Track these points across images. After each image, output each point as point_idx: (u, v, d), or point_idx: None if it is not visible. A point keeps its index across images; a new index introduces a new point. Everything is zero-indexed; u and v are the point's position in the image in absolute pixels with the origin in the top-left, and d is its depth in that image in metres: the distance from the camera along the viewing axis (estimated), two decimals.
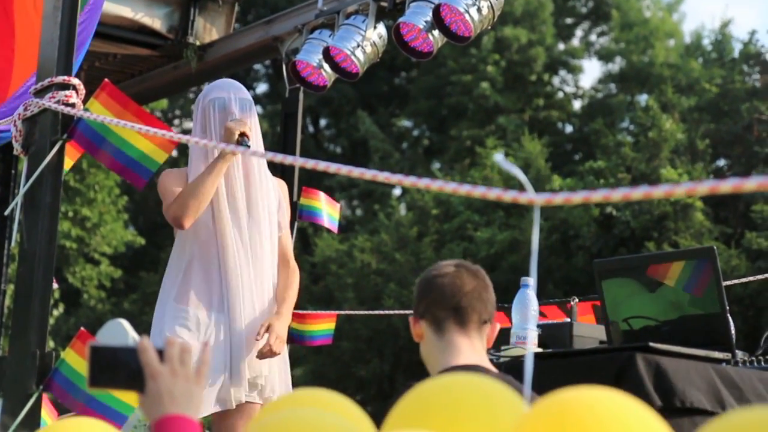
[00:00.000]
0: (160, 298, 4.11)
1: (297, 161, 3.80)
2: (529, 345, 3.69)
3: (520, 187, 1.86)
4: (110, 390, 1.96)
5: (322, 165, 2.73)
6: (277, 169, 5.75)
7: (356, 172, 2.62)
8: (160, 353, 1.89)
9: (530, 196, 1.81)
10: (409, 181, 2.45)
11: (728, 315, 3.60)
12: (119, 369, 1.88)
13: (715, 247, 3.70)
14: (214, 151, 4.04)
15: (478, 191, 2.07)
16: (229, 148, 3.85)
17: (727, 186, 1.66)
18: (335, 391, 2.08)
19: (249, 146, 4.00)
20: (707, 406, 3.31)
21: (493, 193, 2.00)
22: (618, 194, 1.77)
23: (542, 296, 3.97)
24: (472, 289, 2.72)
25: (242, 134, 4.01)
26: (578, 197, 1.81)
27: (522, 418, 1.73)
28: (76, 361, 3.60)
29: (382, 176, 2.55)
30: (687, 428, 3.29)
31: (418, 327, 2.76)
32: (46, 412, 3.87)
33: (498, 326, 2.79)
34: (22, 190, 3.72)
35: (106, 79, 3.72)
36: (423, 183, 2.41)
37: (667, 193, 1.75)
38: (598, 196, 1.80)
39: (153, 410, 1.85)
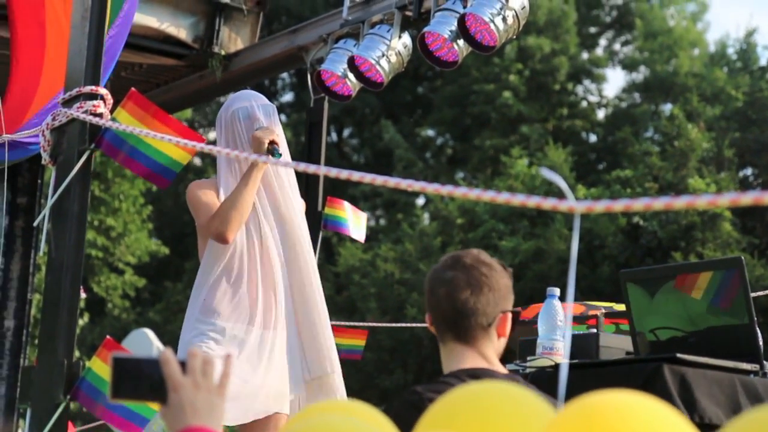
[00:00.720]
0: (188, 311, 4.10)
1: (321, 170, 3.80)
2: (554, 355, 3.67)
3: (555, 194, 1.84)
4: (133, 401, 1.97)
5: (344, 173, 2.73)
6: (301, 179, 5.76)
7: (380, 180, 2.62)
8: (183, 365, 1.89)
9: (570, 204, 1.80)
10: (446, 189, 2.43)
11: (756, 326, 3.57)
12: (142, 380, 1.88)
13: (743, 258, 3.68)
14: (244, 161, 4.04)
15: (518, 199, 2.05)
16: (261, 159, 3.84)
17: (748, 198, 1.63)
18: (361, 401, 2.08)
19: (281, 154, 4.00)
20: (724, 421, 3.29)
21: (533, 201, 1.98)
22: (660, 203, 1.75)
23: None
24: (467, 299, 2.63)
25: (272, 142, 4.01)
26: (620, 205, 1.79)
27: (551, 422, 1.73)
28: (102, 368, 3.61)
29: (408, 184, 2.53)
30: None
31: (431, 326, 2.74)
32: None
33: (509, 315, 2.71)
34: (51, 200, 3.73)
35: (133, 89, 3.74)
36: (460, 192, 2.38)
37: (710, 203, 1.72)
38: (639, 204, 1.77)
39: (175, 422, 1.86)
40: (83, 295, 4.73)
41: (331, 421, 1.87)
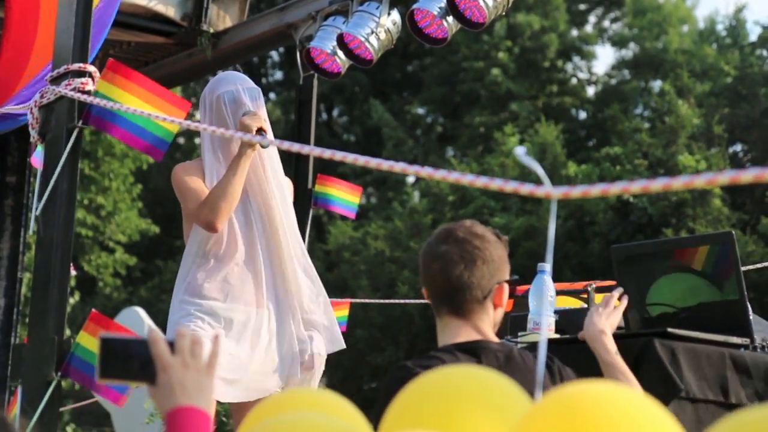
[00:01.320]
0: (174, 292, 4.10)
1: (314, 151, 3.78)
2: (546, 330, 3.68)
3: (537, 179, 1.84)
4: (121, 381, 1.96)
5: (339, 155, 2.71)
6: (291, 156, 5.75)
7: (373, 162, 2.61)
8: (171, 345, 1.89)
9: (547, 190, 1.79)
10: (426, 171, 2.43)
11: (747, 301, 3.58)
12: (130, 360, 1.88)
13: (733, 233, 3.69)
14: (231, 142, 4.01)
15: (496, 184, 2.05)
16: (247, 137, 3.80)
17: (748, 176, 1.63)
18: (332, 392, 2.05)
19: (268, 144, 3.98)
20: (710, 395, 3.31)
21: (510, 186, 1.98)
22: (637, 186, 1.74)
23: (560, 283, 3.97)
24: (460, 273, 2.62)
25: (260, 130, 3.98)
26: (596, 190, 1.78)
27: (529, 412, 1.72)
28: (90, 342, 3.60)
29: (399, 167, 2.53)
30: (689, 416, 3.30)
31: (428, 298, 2.73)
32: None
33: (506, 287, 2.70)
34: (39, 177, 3.72)
35: (110, 58, 3.69)
36: (439, 174, 2.38)
37: (686, 184, 1.72)
38: (616, 188, 1.76)
39: (165, 401, 1.86)
40: (73, 273, 4.72)
41: (305, 420, 1.85)
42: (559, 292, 4.16)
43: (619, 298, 3.25)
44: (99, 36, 4.39)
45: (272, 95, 24.79)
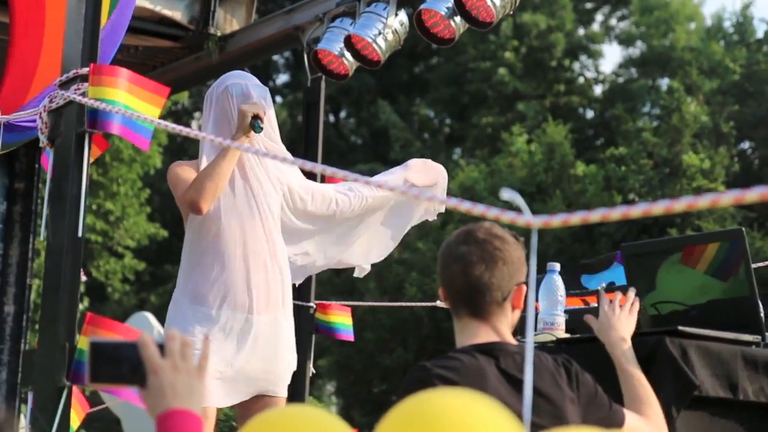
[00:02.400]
0: (173, 296, 4.09)
1: (317, 167, 3.83)
2: (555, 330, 3.67)
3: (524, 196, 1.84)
4: (111, 385, 1.96)
5: (340, 173, 2.68)
6: (299, 157, 5.74)
7: (373, 181, 2.60)
8: (161, 348, 1.89)
9: (527, 219, 1.81)
10: (414, 192, 2.41)
11: (757, 297, 3.57)
12: (120, 364, 1.88)
13: (743, 229, 3.67)
14: (229, 136, 4.00)
15: (478, 210, 2.04)
16: (235, 145, 3.74)
17: (753, 195, 1.61)
18: (321, 409, 2.03)
19: (262, 128, 3.97)
20: (720, 393, 3.31)
21: (492, 213, 1.98)
22: (617, 213, 1.75)
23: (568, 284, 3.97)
24: (481, 274, 2.61)
25: (256, 116, 3.97)
26: (576, 218, 1.79)
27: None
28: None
29: (400, 189, 2.52)
30: (705, 416, 3.29)
31: (445, 298, 2.71)
32: (77, 407, 3.87)
33: (524, 288, 2.70)
34: (49, 182, 3.72)
35: (93, 63, 3.67)
36: (426, 196, 2.37)
37: (689, 206, 1.70)
38: (596, 215, 1.78)
39: (156, 405, 1.85)
40: (83, 279, 4.72)
41: None
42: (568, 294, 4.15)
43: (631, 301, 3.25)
44: (114, 42, 4.39)
45: (279, 98, 24.80)
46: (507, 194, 1.80)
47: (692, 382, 3.22)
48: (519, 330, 4.05)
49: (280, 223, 4.18)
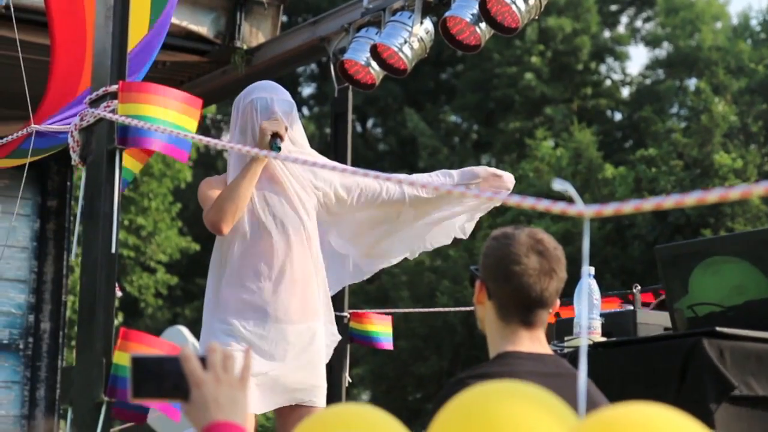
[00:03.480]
0: (204, 310, 4.11)
1: (338, 168, 3.80)
2: (592, 334, 3.66)
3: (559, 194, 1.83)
4: (154, 400, 1.95)
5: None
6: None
7: (406, 180, 2.59)
8: (203, 361, 1.88)
9: (579, 208, 1.79)
10: (458, 190, 2.40)
11: None
12: (163, 379, 1.87)
13: None
14: (257, 158, 4.00)
15: (528, 202, 2.04)
16: (262, 153, 3.76)
17: None
18: (377, 408, 2.02)
19: (280, 148, 3.96)
20: (760, 392, 3.28)
21: (542, 205, 1.97)
22: (670, 201, 1.73)
23: (601, 287, 3.93)
24: (547, 287, 2.57)
25: (275, 135, 3.97)
26: (629, 207, 1.77)
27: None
28: (126, 359, 3.60)
29: (433, 185, 2.51)
30: (745, 416, 3.26)
31: (483, 295, 2.65)
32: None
33: (557, 302, 2.68)
34: (81, 200, 3.75)
35: (120, 80, 3.69)
36: (471, 193, 2.36)
37: (721, 197, 1.69)
38: (650, 204, 1.75)
39: (199, 418, 1.85)
40: (119, 294, 4.74)
41: None
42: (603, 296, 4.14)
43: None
44: (146, 60, 4.41)
45: (305, 110, 24.87)
46: (559, 184, 1.78)
47: (730, 384, 3.20)
48: (556, 334, 4.03)
49: (343, 220, 4.21)
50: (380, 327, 5.81)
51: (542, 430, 1.82)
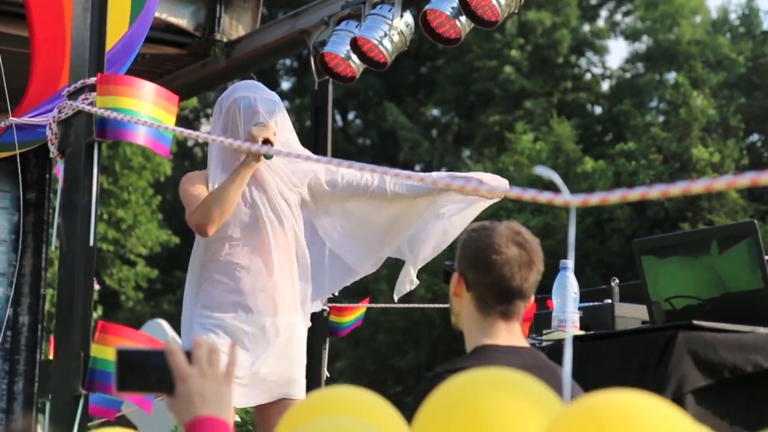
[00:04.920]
0: (185, 304, 4.11)
1: (331, 162, 3.78)
2: (570, 328, 3.67)
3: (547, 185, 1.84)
4: (139, 393, 1.95)
5: (345, 164, 2.68)
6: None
7: (391, 172, 2.60)
8: (188, 355, 1.88)
9: (566, 198, 1.79)
10: (444, 182, 2.41)
11: None
12: (148, 372, 1.87)
13: (755, 222, 3.67)
14: (238, 152, 4.00)
15: (514, 192, 2.05)
16: (249, 147, 3.78)
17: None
18: (367, 390, 2.03)
19: (271, 156, 3.96)
20: (748, 368, 3.30)
21: (529, 194, 1.97)
22: (656, 191, 1.74)
23: (580, 281, 3.95)
24: (526, 278, 2.59)
25: (266, 140, 3.96)
26: (615, 196, 1.78)
27: (554, 420, 1.71)
28: (104, 352, 3.59)
29: (417, 176, 2.52)
30: (719, 408, 3.28)
31: (460, 287, 2.65)
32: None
33: (531, 298, 2.69)
34: (60, 192, 3.73)
35: (98, 73, 3.68)
36: (456, 184, 2.37)
37: (706, 188, 1.70)
38: (635, 194, 1.76)
39: (184, 412, 1.85)
40: (96, 287, 4.73)
41: (336, 424, 1.82)
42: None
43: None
44: (130, 53, 4.40)
45: (285, 103, 24.82)
46: (541, 170, 1.78)
47: (705, 375, 3.22)
48: (535, 328, 4.05)
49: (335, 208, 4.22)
50: (355, 314, 5.87)
51: (527, 418, 1.83)
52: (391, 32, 5.43)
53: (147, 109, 3.65)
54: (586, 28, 23.89)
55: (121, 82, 3.67)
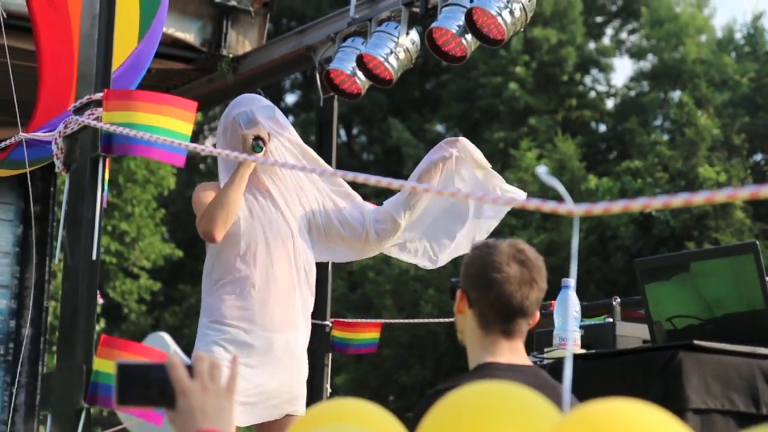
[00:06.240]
0: (200, 318, 4.13)
1: (327, 171, 3.80)
2: (571, 346, 3.68)
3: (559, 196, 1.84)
4: (139, 408, 1.94)
5: (350, 175, 2.70)
6: None
7: (396, 183, 2.61)
8: (190, 369, 1.88)
9: (569, 207, 1.80)
10: (448, 191, 2.43)
11: None
12: (149, 386, 1.86)
13: (757, 243, 3.67)
14: (245, 163, 4.03)
15: (518, 201, 2.06)
16: (250, 158, 3.83)
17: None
18: (370, 402, 2.04)
19: (261, 148, 4.00)
20: (741, 407, 3.30)
21: (533, 204, 1.98)
22: (658, 201, 1.74)
23: (584, 298, 3.96)
24: (527, 296, 2.60)
25: (256, 138, 4.00)
26: (618, 206, 1.78)
27: (553, 429, 1.72)
28: (107, 366, 3.60)
29: (421, 187, 2.54)
30: (721, 428, 3.28)
31: (463, 304, 2.67)
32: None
33: (538, 314, 2.70)
34: (65, 206, 3.75)
35: (106, 89, 3.69)
36: (462, 193, 2.39)
37: (707, 200, 1.71)
38: (638, 204, 1.76)
39: (185, 426, 1.85)
40: (100, 301, 4.73)
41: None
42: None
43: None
44: (140, 70, 4.42)
45: (291, 118, 24.86)
46: (544, 176, 1.78)
47: (706, 395, 3.22)
48: (536, 345, 4.05)
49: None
50: (366, 334, 5.84)
51: (528, 431, 1.84)
52: (397, 49, 5.46)
53: (159, 122, 3.66)
54: (592, 45, 23.92)
55: (127, 98, 3.69)
